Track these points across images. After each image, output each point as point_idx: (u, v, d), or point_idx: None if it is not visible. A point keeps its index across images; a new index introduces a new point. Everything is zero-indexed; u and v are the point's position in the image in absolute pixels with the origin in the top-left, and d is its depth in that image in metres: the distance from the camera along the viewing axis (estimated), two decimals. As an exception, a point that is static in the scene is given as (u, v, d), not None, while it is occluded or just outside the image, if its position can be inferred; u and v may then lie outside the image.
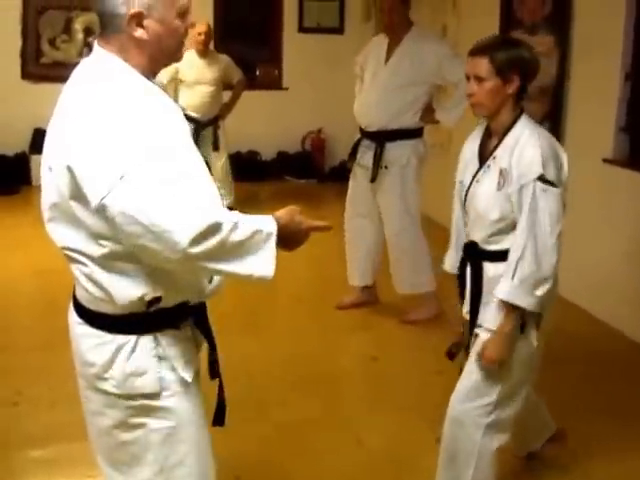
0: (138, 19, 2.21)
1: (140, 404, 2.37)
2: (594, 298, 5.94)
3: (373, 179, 5.57)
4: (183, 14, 2.29)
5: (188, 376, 2.41)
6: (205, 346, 2.54)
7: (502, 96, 3.06)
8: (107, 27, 2.26)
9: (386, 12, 5.43)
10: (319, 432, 4.23)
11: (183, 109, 7.85)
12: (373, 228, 5.80)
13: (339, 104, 8.56)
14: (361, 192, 5.77)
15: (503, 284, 3.02)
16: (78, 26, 9.96)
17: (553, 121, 6.28)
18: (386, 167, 5.55)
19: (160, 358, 2.36)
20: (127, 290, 2.26)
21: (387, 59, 5.50)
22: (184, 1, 2.28)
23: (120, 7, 2.20)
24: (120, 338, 2.32)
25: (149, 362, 2.34)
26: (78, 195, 2.14)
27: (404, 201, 5.58)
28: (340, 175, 9.34)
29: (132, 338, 2.33)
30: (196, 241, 2.10)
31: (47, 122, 2.29)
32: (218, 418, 2.58)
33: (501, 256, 3.10)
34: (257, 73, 10.38)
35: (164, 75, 7.96)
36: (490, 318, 3.14)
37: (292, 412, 4.43)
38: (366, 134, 5.62)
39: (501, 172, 3.06)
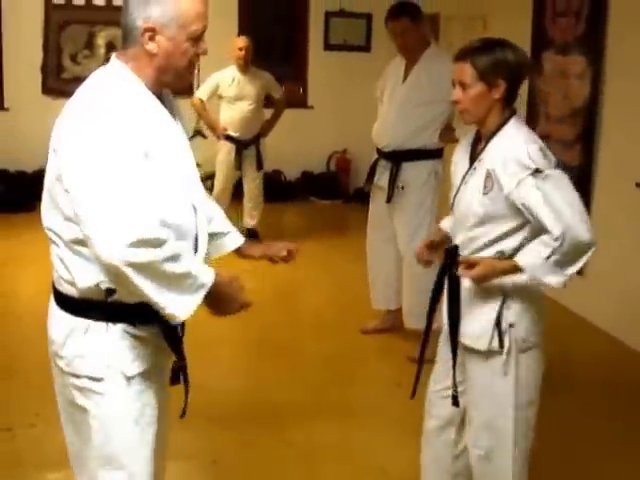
0: (151, 33, 2.41)
1: (83, 385, 2.50)
2: (629, 326, 5.78)
3: (389, 199, 5.48)
4: (195, 39, 2.46)
5: (129, 371, 2.49)
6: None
7: (488, 101, 2.97)
8: (126, 39, 2.47)
9: (398, 34, 5.37)
10: (342, 459, 4.16)
11: (225, 130, 7.93)
12: (394, 251, 5.66)
13: (365, 124, 8.40)
14: (380, 215, 5.69)
15: (533, 258, 2.88)
16: (100, 41, 9.98)
17: (585, 143, 6.18)
18: (402, 187, 5.45)
19: (107, 347, 2.47)
20: (87, 275, 2.41)
21: (405, 79, 5.45)
22: (196, 28, 2.45)
23: (138, 20, 2.41)
24: (76, 320, 2.48)
25: (97, 347, 2.47)
26: (59, 176, 2.36)
27: (420, 223, 5.43)
28: (365, 196, 9.22)
29: (86, 322, 2.47)
30: (133, 245, 2.24)
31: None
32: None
33: None
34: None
35: (203, 91, 8.07)
36: (470, 333, 3.05)
37: (315, 438, 4.36)
38: (383, 154, 5.54)
39: (488, 175, 2.95)
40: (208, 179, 9.53)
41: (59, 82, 9.75)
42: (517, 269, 2.88)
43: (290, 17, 10.44)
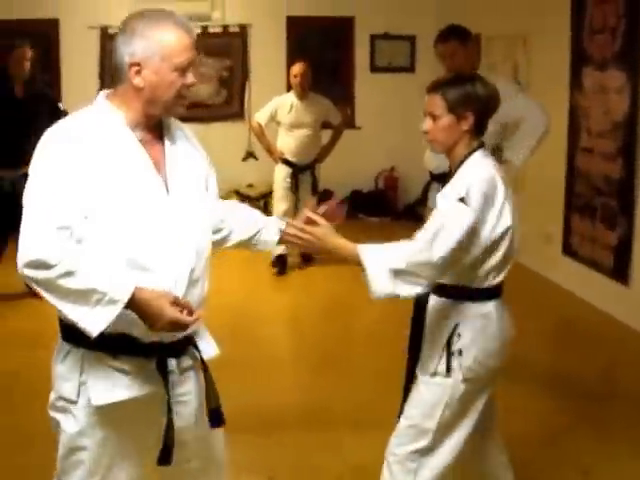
0: (137, 68, 2.48)
1: (61, 405, 2.61)
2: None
3: None
4: (181, 71, 2.51)
5: (99, 400, 2.54)
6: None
7: (457, 133, 3.02)
8: (115, 76, 2.55)
9: (447, 57, 5.34)
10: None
11: (281, 155, 7.90)
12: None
13: (411, 142, 8.59)
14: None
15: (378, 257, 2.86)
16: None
17: (626, 157, 6.24)
18: None
19: (82, 373, 2.55)
20: None
21: None
22: (181, 59, 2.50)
23: (125, 57, 2.49)
24: (62, 343, 2.61)
25: (72, 372, 2.57)
26: None
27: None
28: (414, 213, 9.38)
29: (67, 347, 2.59)
30: (28, 266, 2.36)
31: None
32: (163, 456, 2.63)
33: (439, 290, 3.05)
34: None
35: (262, 116, 8.02)
36: (423, 357, 3.09)
37: (369, 454, 4.14)
38: (435, 177, 5.58)
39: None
40: (262, 198, 9.77)
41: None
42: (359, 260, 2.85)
43: (337, 41, 10.60)
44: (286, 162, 7.94)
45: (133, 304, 2.40)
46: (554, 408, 4.89)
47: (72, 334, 2.52)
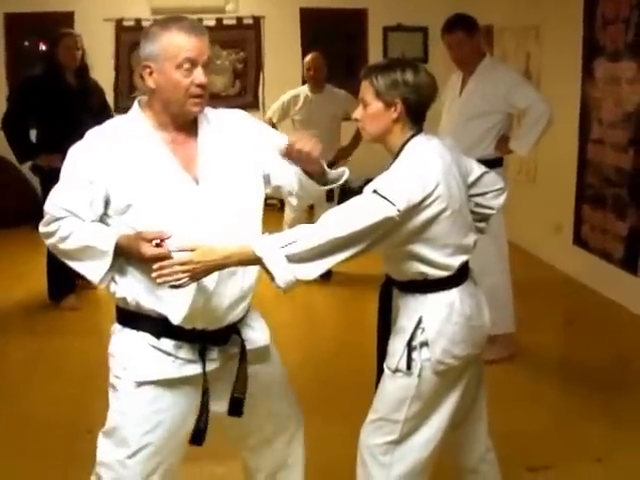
0: (149, 70, 2.64)
1: (111, 381, 2.85)
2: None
3: None
4: (186, 69, 2.61)
5: (139, 377, 2.75)
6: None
7: (386, 121, 2.93)
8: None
9: (453, 47, 5.36)
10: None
11: None
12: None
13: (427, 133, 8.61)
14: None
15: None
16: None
17: (637, 148, 6.26)
18: None
19: (128, 352, 2.78)
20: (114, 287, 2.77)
21: (461, 92, 5.45)
22: (181, 58, 2.60)
23: (141, 60, 2.67)
24: (115, 325, 2.85)
25: (120, 351, 2.80)
26: None
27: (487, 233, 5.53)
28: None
29: (119, 327, 2.83)
30: (42, 236, 2.78)
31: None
32: (195, 437, 2.80)
33: (399, 286, 3.02)
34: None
35: (274, 112, 7.53)
36: (389, 359, 3.01)
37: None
38: None
39: None
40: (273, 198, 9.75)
41: (131, 101, 9.90)
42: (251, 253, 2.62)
43: (350, 33, 10.65)
44: None
45: (120, 252, 2.64)
46: (566, 397, 4.95)
47: (123, 316, 2.80)
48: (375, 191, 2.73)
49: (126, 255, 2.64)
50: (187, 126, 2.74)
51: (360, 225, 2.68)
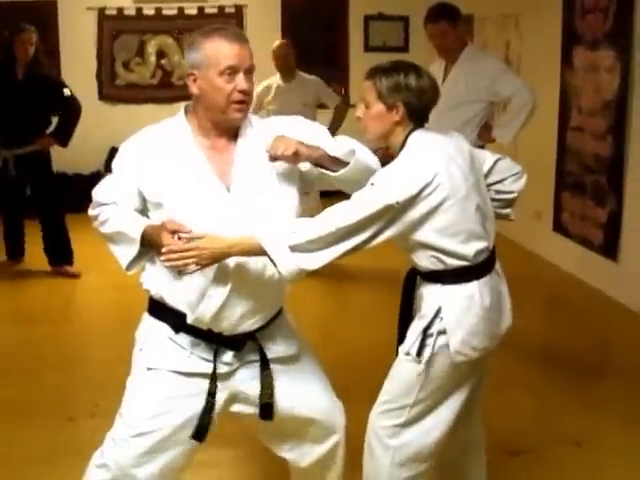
0: (193, 77, 2.75)
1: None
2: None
3: None
4: (229, 75, 2.70)
5: (150, 363, 2.85)
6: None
7: (387, 123, 2.97)
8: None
9: (436, 37, 5.37)
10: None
11: None
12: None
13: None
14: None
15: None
16: (151, 49, 10.28)
17: (616, 135, 6.32)
18: None
19: (146, 339, 2.89)
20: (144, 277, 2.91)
21: (444, 80, 5.40)
22: (224, 65, 2.69)
23: (186, 68, 2.80)
24: (145, 313, 2.95)
25: (142, 335, 2.92)
26: None
27: None
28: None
29: (146, 315, 2.93)
30: (90, 209, 2.96)
31: (122, 141, 2.89)
32: (196, 433, 2.86)
33: (422, 275, 3.03)
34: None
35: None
36: (405, 343, 3.01)
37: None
38: None
39: None
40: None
41: (113, 89, 10.17)
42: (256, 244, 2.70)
43: (331, 22, 10.66)
44: None
45: (146, 240, 2.74)
46: (546, 382, 4.98)
47: (151, 305, 2.91)
48: (374, 184, 2.79)
49: (152, 245, 2.73)
50: (228, 133, 2.81)
51: (361, 214, 2.74)
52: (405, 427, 3.05)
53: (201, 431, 2.84)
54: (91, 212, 2.95)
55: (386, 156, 3.03)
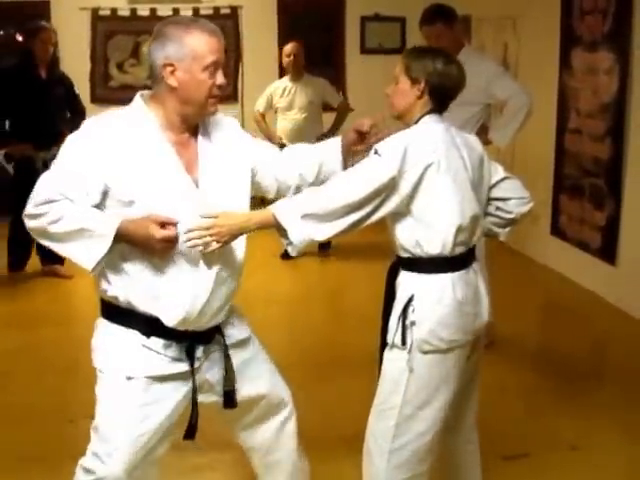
0: (171, 68, 2.70)
1: (97, 375, 2.91)
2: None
3: None
4: (211, 71, 2.73)
5: (128, 372, 2.79)
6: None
7: (410, 97, 3.08)
8: (151, 79, 2.78)
9: (432, 38, 5.32)
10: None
11: (280, 139, 7.64)
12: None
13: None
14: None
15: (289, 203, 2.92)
16: (146, 49, 10.11)
17: (615, 137, 6.29)
18: None
19: (114, 347, 2.83)
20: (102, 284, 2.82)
21: None
22: (209, 60, 2.72)
23: (159, 60, 2.71)
24: (100, 319, 2.92)
25: (106, 344, 2.86)
26: None
27: None
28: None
29: (105, 322, 2.88)
30: (26, 217, 2.70)
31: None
32: (188, 433, 2.90)
33: (400, 262, 3.09)
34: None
35: (261, 103, 7.96)
36: (388, 337, 3.07)
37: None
38: None
39: None
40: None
41: (107, 90, 10.06)
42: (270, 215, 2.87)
43: (328, 23, 10.60)
44: (284, 147, 7.54)
45: (123, 236, 2.64)
46: (542, 385, 4.97)
47: (111, 311, 2.83)
48: (376, 151, 2.92)
49: (126, 240, 2.65)
50: (191, 129, 2.82)
51: (369, 187, 2.88)
52: (397, 429, 3.07)
53: (193, 430, 2.87)
54: (33, 210, 2.68)
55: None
